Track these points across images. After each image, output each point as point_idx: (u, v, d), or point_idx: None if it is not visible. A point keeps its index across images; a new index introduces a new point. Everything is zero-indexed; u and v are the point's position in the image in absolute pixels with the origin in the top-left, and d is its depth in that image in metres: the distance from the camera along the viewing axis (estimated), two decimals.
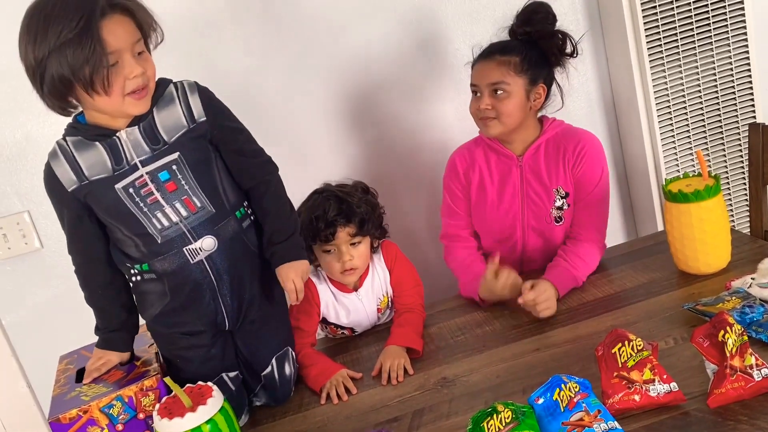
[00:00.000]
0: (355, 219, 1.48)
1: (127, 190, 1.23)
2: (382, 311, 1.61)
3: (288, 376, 1.42)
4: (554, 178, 1.64)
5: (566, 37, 1.59)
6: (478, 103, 1.60)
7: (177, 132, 1.25)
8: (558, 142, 1.63)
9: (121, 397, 1.19)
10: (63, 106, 1.20)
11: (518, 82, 1.56)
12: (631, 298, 1.47)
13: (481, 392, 1.26)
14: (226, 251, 1.29)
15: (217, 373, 1.35)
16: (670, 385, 1.08)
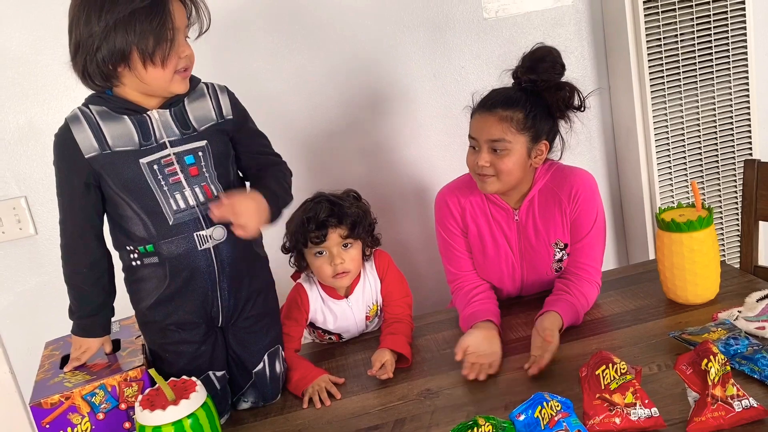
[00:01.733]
0: (346, 221, 1.49)
1: (151, 166, 1.24)
2: (370, 319, 1.62)
3: (278, 374, 1.42)
4: (552, 232, 1.57)
5: (574, 90, 1.49)
6: (476, 158, 1.49)
7: (206, 123, 1.29)
8: (551, 191, 1.56)
9: (104, 385, 1.19)
10: (103, 82, 1.21)
11: (520, 140, 1.46)
12: (618, 323, 1.48)
13: (464, 405, 1.26)
14: (233, 244, 1.30)
15: (205, 371, 1.34)
16: (651, 410, 1.09)
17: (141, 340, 1.34)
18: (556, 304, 1.49)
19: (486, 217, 1.59)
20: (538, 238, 1.58)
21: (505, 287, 1.66)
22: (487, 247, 1.61)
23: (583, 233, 1.56)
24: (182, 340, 1.33)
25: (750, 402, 1.06)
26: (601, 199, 1.59)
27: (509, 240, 1.59)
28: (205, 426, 1.15)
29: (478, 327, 1.46)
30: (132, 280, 1.32)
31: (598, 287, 1.58)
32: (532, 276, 1.63)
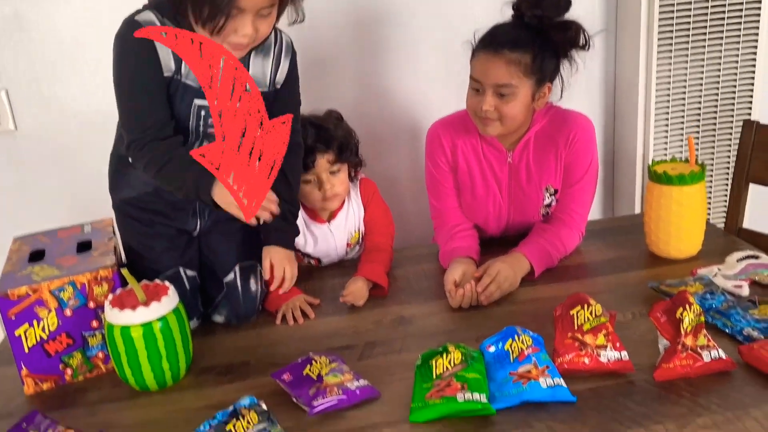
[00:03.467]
0: (333, 145, 1.46)
1: (200, 110, 1.27)
2: (351, 246, 1.60)
3: (253, 293, 1.39)
4: (545, 176, 1.54)
5: (580, 29, 1.43)
6: (479, 101, 1.44)
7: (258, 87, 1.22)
8: (548, 134, 1.52)
9: (73, 282, 1.16)
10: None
11: (526, 84, 1.41)
12: (598, 271, 1.48)
13: (436, 335, 1.26)
14: None
15: (175, 265, 1.35)
16: (621, 353, 1.09)
17: (114, 242, 1.31)
18: (526, 247, 1.47)
19: (478, 156, 1.56)
20: (530, 182, 1.55)
21: (490, 228, 1.64)
22: (476, 186, 1.58)
23: (574, 179, 1.54)
24: (156, 233, 1.36)
25: (719, 353, 1.06)
26: (596, 148, 1.57)
27: (499, 181, 1.57)
28: (174, 330, 1.14)
29: (458, 262, 1.45)
30: (121, 170, 1.35)
31: (580, 235, 1.57)
32: (518, 219, 1.61)
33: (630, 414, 0.99)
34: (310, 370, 1.10)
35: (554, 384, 1.03)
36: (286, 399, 1.09)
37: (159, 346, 1.12)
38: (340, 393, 1.05)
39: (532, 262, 1.44)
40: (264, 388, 1.12)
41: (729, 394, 1.01)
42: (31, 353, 1.16)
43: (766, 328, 1.14)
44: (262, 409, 1.00)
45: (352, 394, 1.06)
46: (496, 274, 1.37)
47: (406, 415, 1.02)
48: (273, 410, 1.01)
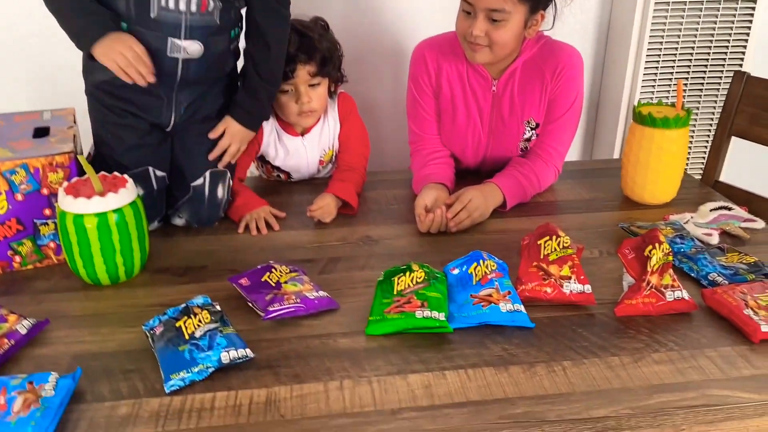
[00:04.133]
0: (316, 56, 1.39)
1: None
2: (323, 164, 1.56)
3: (218, 200, 1.36)
4: (527, 108, 1.50)
5: None
6: (469, 25, 1.37)
7: None
8: (536, 65, 1.46)
9: (26, 165, 1.11)
10: None
11: (519, 10, 1.35)
12: (570, 208, 1.46)
13: (401, 255, 1.23)
14: (205, 64, 1.27)
15: (145, 164, 1.30)
16: (584, 287, 1.08)
17: (74, 131, 1.24)
18: (501, 179, 1.45)
19: (462, 82, 1.50)
20: (512, 113, 1.50)
21: (467, 159, 1.60)
22: (457, 113, 1.53)
23: (556, 115, 1.49)
24: (128, 124, 1.29)
25: (682, 294, 1.05)
26: (583, 84, 1.52)
27: (481, 110, 1.52)
28: (131, 224, 1.09)
29: (431, 188, 1.42)
30: None
31: (556, 173, 1.54)
32: (497, 151, 1.57)
33: (587, 344, 0.98)
34: (269, 277, 1.07)
35: (514, 309, 1.02)
36: (242, 304, 1.07)
37: (113, 239, 1.07)
38: (297, 301, 1.02)
39: (505, 194, 1.41)
40: (220, 291, 1.09)
41: (687, 334, 1.01)
42: None
43: (731, 275, 1.13)
44: (216, 309, 0.97)
45: (309, 303, 1.03)
46: (468, 202, 1.34)
47: (363, 328, 1.00)
48: (228, 313, 0.99)
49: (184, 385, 0.88)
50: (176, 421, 0.83)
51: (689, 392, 0.88)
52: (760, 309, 1.02)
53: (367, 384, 0.89)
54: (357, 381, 0.90)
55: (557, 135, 1.51)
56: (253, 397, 0.87)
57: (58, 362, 0.94)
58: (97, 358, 0.95)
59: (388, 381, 0.90)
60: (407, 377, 0.90)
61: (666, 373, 0.92)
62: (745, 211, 1.38)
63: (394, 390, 0.88)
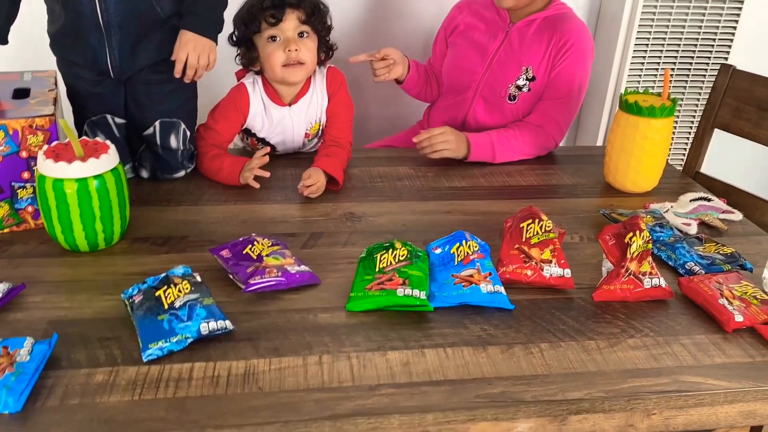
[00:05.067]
0: (306, 3, 1.37)
1: None
2: (309, 137, 1.54)
3: (174, 149, 1.38)
4: (531, 56, 1.60)
5: None
6: None
7: None
8: (552, 24, 1.58)
9: (5, 126, 1.08)
10: None
11: None
12: (552, 193, 1.47)
13: (384, 233, 1.23)
14: (124, 4, 1.25)
15: (101, 113, 1.35)
16: (564, 271, 1.09)
17: (55, 94, 1.22)
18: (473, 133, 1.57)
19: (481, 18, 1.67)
20: (516, 54, 1.61)
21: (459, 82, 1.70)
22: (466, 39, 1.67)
23: (559, 86, 1.59)
24: (77, 75, 1.33)
25: (660, 281, 1.07)
26: (589, 64, 1.61)
27: (490, 44, 1.64)
28: (111, 191, 1.08)
29: None
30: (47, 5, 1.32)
31: (551, 140, 1.61)
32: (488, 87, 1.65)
33: (564, 328, 0.99)
34: (250, 250, 1.07)
35: (494, 290, 1.02)
36: (223, 275, 1.06)
37: (93, 205, 1.06)
38: (278, 275, 1.02)
39: (470, 142, 1.54)
40: (201, 262, 1.08)
41: (663, 321, 1.03)
42: None
43: (708, 264, 1.15)
44: (196, 280, 0.97)
45: (291, 277, 1.03)
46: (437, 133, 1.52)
47: (344, 304, 1.00)
48: (208, 284, 0.98)
49: (162, 354, 0.87)
50: (153, 390, 0.83)
51: (662, 378, 0.90)
52: (734, 299, 1.04)
53: (346, 359, 0.89)
54: (336, 356, 0.90)
55: (559, 108, 1.60)
56: (232, 369, 0.87)
57: (34, 327, 0.92)
58: (74, 324, 0.94)
59: (367, 357, 0.90)
60: (386, 354, 0.91)
61: (640, 358, 0.94)
62: (724, 203, 1.40)
63: (373, 366, 0.88)
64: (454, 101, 1.72)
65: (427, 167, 1.54)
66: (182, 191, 1.37)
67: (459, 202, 1.38)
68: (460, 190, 1.44)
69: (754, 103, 1.52)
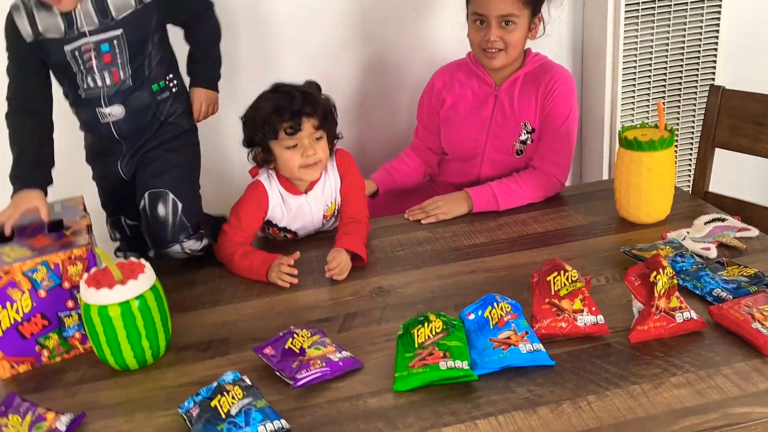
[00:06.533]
0: (319, 110, 1.44)
1: (73, 52, 1.43)
2: (327, 218, 1.59)
3: (162, 218, 1.47)
4: (524, 112, 1.69)
5: None
6: (484, 33, 1.60)
7: (125, 11, 1.44)
8: (535, 76, 1.67)
9: (46, 262, 1.14)
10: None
11: (524, 14, 1.59)
12: (570, 236, 1.50)
13: (414, 304, 1.27)
14: (133, 119, 1.50)
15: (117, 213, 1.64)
16: (596, 317, 1.12)
17: (86, 221, 1.28)
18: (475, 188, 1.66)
19: (468, 90, 1.74)
20: (511, 114, 1.69)
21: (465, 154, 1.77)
22: (461, 115, 1.74)
23: (552, 127, 1.66)
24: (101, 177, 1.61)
25: (691, 314, 1.09)
26: (575, 101, 1.68)
27: (484, 111, 1.72)
28: (153, 308, 1.13)
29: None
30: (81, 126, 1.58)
31: (555, 181, 1.67)
32: (494, 149, 1.73)
33: (607, 375, 1.02)
34: (292, 344, 1.10)
35: (533, 349, 1.05)
36: (269, 373, 1.09)
37: (138, 324, 1.10)
38: (323, 365, 1.05)
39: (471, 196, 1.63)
40: (246, 363, 1.12)
41: (701, 353, 1.05)
42: (5, 336, 1.14)
43: (734, 288, 1.17)
44: (247, 384, 1.00)
45: (335, 366, 1.06)
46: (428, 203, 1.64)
47: (390, 385, 1.03)
48: (257, 384, 1.01)
49: None
50: None
51: (711, 413, 0.92)
52: (766, 320, 1.06)
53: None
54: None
55: (553, 145, 1.67)
56: None
57: None
58: None
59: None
60: (441, 431, 0.93)
61: (686, 396, 0.96)
62: (738, 221, 1.43)
63: None
64: (463, 166, 1.80)
65: (444, 228, 1.59)
66: (216, 290, 1.41)
67: (481, 260, 1.42)
68: (480, 246, 1.48)
69: (748, 120, 1.57)
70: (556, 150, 1.66)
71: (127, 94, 1.47)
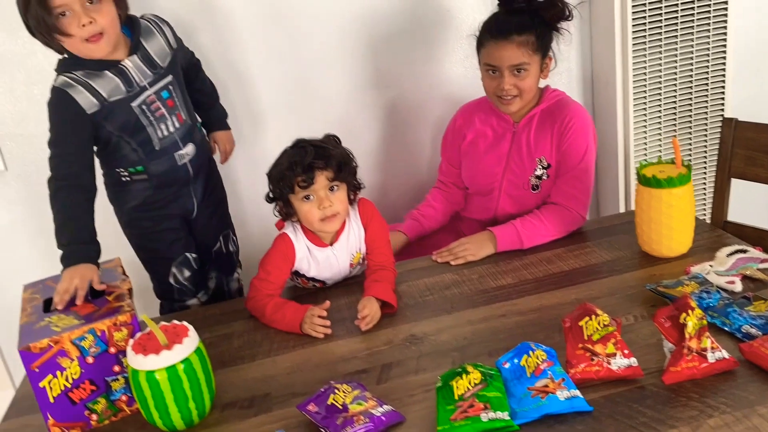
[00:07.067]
0: (332, 162, 1.48)
1: (141, 107, 1.54)
2: (354, 266, 1.63)
3: (232, 252, 1.88)
4: (540, 148, 1.74)
5: (564, 4, 1.66)
6: (498, 82, 1.67)
7: (166, 58, 1.58)
8: (551, 112, 1.73)
9: (93, 330, 1.18)
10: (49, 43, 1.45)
11: (535, 60, 1.66)
12: (595, 273, 1.53)
13: (449, 352, 1.30)
14: (199, 154, 1.68)
15: (183, 252, 1.73)
16: (630, 360, 1.14)
17: (127, 284, 1.32)
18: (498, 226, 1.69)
19: (485, 125, 1.81)
20: (528, 150, 1.75)
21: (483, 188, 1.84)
22: (479, 149, 1.82)
23: (570, 164, 1.71)
24: (164, 228, 1.69)
25: (722, 354, 1.12)
26: (592, 138, 1.72)
27: (502, 147, 1.79)
28: (198, 370, 1.16)
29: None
30: (119, 189, 1.63)
31: (575, 213, 1.71)
32: (511, 184, 1.79)
33: (644, 420, 1.04)
34: (334, 400, 1.13)
35: (571, 395, 1.07)
36: (314, 428, 1.12)
37: (184, 387, 1.14)
38: (366, 421, 1.08)
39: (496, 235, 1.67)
40: (290, 419, 1.15)
41: (735, 393, 1.07)
42: (56, 403, 1.18)
43: (763, 324, 1.20)
44: None
45: (378, 421, 1.09)
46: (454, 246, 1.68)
47: None
48: None
49: None
50: None
51: None
52: None
53: None
54: None
55: (573, 182, 1.71)
56: None
57: None
58: None
59: None
60: None
61: None
62: (761, 252, 1.46)
63: None
64: (481, 202, 1.86)
65: (470, 270, 1.62)
66: (252, 344, 1.44)
67: (510, 302, 1.45)
68: (508, 288, 1.51)
69: (763, 150, 1.60)
70: (575, 186, 1.70)
71: (192, 132, 1.64)
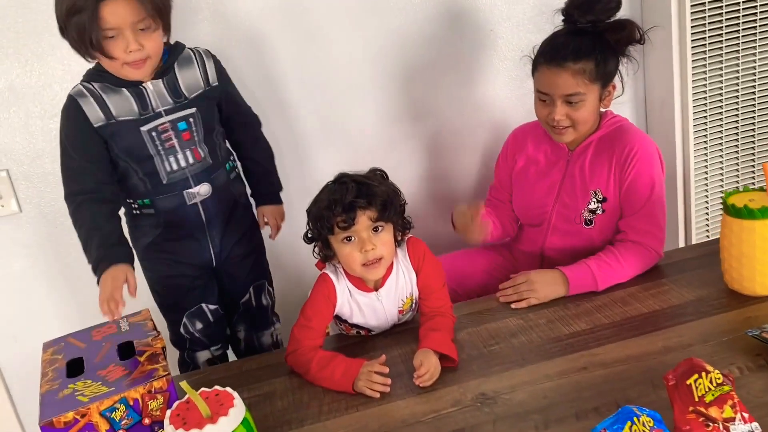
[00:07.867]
0: (376, 201, 1.31)
1: (150, 133, 1.41)
2: (404, 313, 1.47)
3: (265, 306, 1.69)
4: (596, 179, 1.57)
5: (634, 26, 1.47)
6: (549, 110, 1.51)
7: (196, 91, 1.46)
8: (610, 141, 1.55)
9: (125, 399, 1.02)
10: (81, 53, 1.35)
11: (593, 89, 1.48)
12: (679, 316, 1.36)
13: (529, 414, 1.13)
14: (218, 197, 1.52)
15: (198, 303, 1.57)
16: (752, 425, 0.97)
17: (160, 342, 1.17)
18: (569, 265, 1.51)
19: (538, 152, 1.65)
20: (582, 181, 1.58)
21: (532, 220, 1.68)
22: (530, 177, 1.66)
23: (640, 199, 1.53)
24: (178, 273, 1.54)
25: None
26: (660, 168, 1.56)
27: (554, 176, 1.62)
28: None
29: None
30: (131, 224, 1.53)
31: (652, 251, 1.53)
32: (561, 216, 1.62)
33: None
34: None
35: None
36: None
37: None
38: None
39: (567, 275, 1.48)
40: None
41: None
42: None
43: None
44: None
45: None
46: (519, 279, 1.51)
47: None
48: None
49: None
50: None
51: None
52: None
53: None
54: None
55: (646, 218, 1.53)
56: None
57: None
58: None
59: None
60: None
61: None
62: None
63: None
64: (530, 233, 1.70)
65: (535, 314, 1.45)
66: (299, 406, 1.27)
67: (589, 352, 1.28)
68: (583, 334, 1.35)
69: None
70: (650, 222, 1.53)
71: (210, 172, 1.49)
